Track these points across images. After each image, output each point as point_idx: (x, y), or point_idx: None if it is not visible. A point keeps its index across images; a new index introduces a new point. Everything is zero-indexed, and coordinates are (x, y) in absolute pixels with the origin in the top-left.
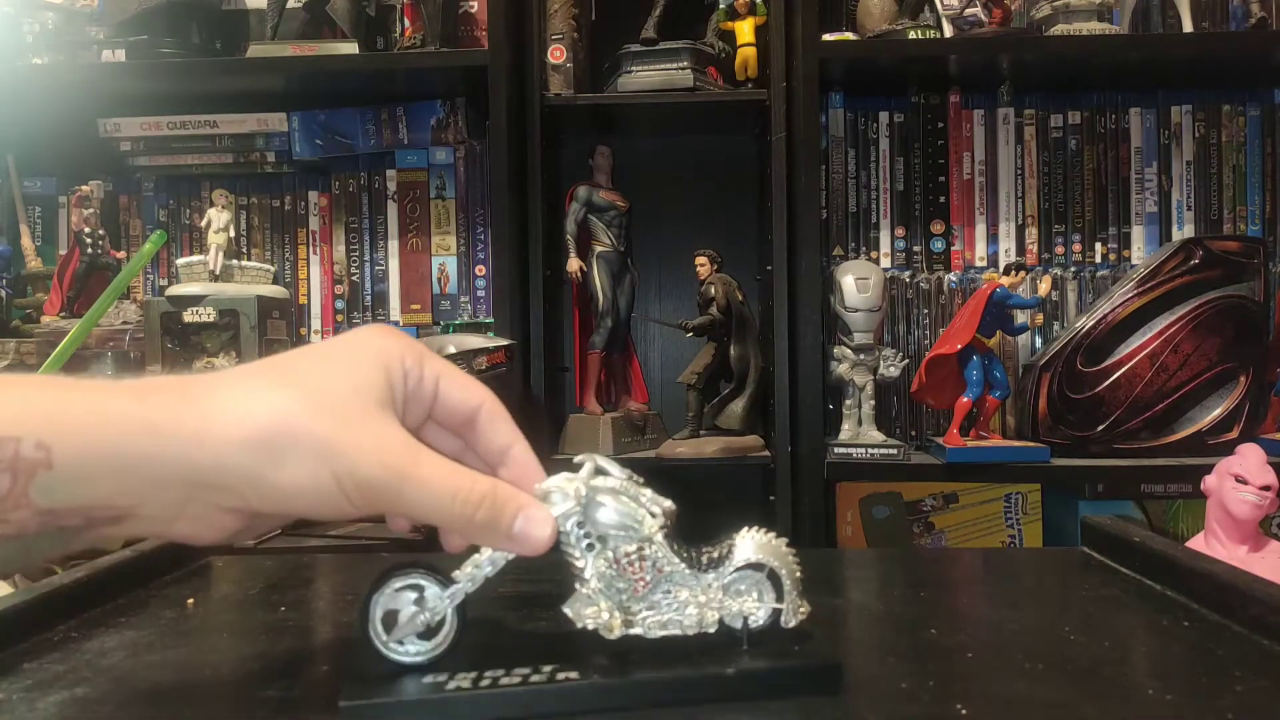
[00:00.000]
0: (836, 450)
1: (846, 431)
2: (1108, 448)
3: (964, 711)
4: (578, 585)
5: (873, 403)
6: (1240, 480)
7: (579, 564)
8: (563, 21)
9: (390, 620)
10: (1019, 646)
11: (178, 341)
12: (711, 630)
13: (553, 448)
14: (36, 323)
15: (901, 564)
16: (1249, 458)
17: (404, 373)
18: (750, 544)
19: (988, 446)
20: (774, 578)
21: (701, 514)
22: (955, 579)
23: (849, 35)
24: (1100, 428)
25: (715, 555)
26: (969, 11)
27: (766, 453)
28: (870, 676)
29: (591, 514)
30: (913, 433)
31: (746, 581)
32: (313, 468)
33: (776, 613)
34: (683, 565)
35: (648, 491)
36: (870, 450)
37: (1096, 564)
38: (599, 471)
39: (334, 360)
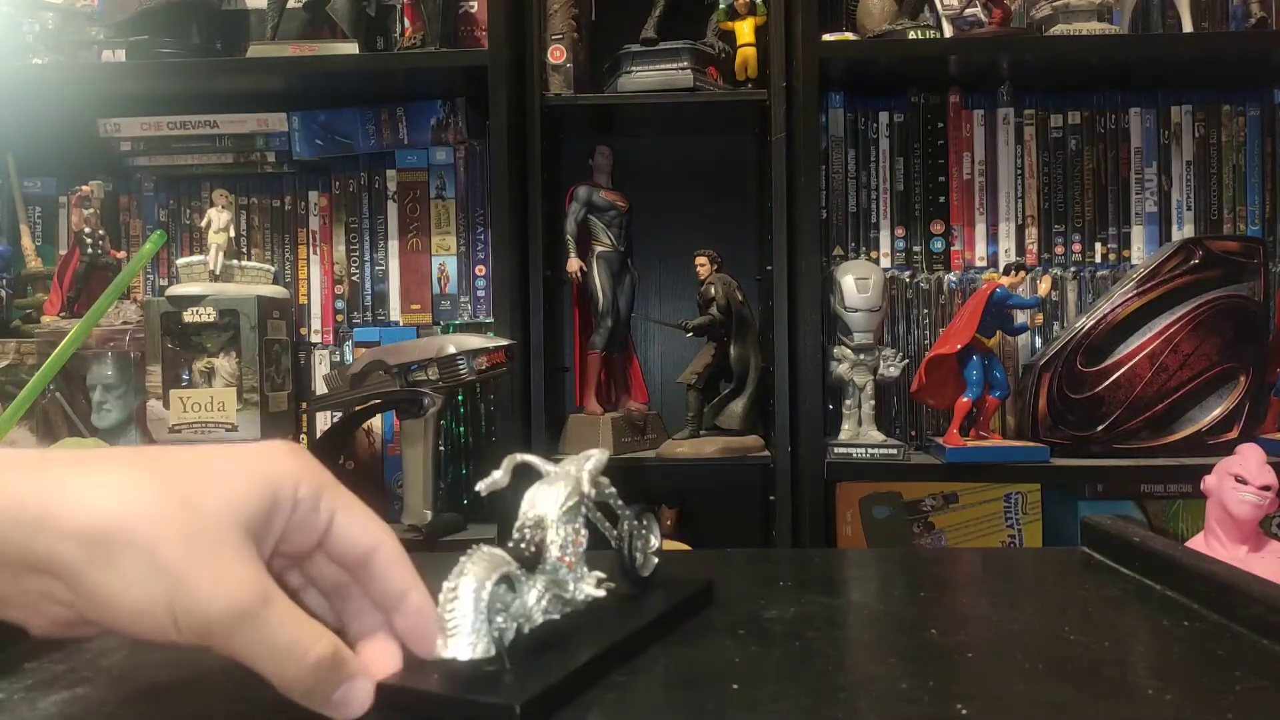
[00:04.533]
0: (836, 450)
1: (846, 431)
2: (1108, 448)
3: (964, 712)
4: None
5: (873, 403)
6: (1240, 480)
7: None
8: (563, 21)
9: None
10: (1019, 647)
11: (178, 341)
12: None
13: (552, 448)
14: (36, 323)
15: (901, 564)
16: (1249, 458)
17: (293, 501)
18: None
19: (987, 446)
20: None
21: (701, 514)
22: (955, 579)
23: (849, 35)
24: (1100, 428)
25: None
26: (969, 11)
27: (766, 453)
28: (870, 676)
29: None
30: (912, 433)
31: None
32: (144, 582)
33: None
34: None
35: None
36: (870, 450)
37: (1096, 564)
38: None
39: (217, 469)
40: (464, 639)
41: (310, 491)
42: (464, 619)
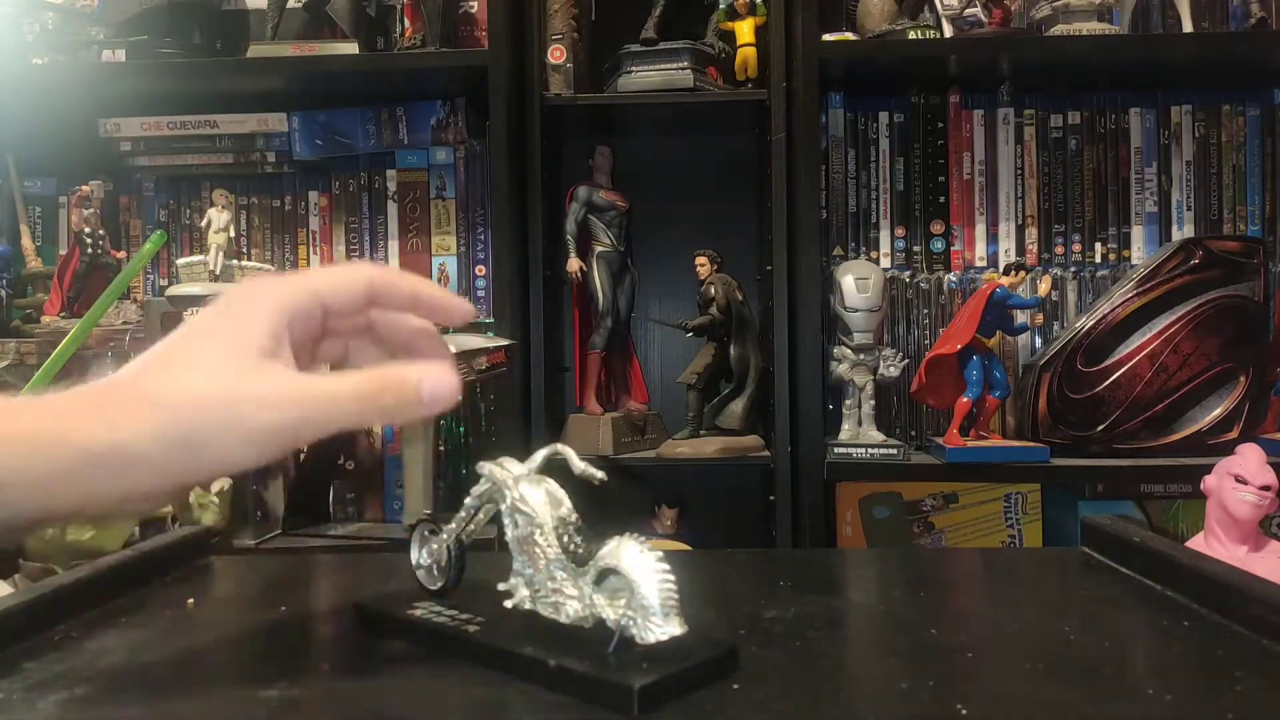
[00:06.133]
0: (836, 450)
1: (846, 431)
2: (1107, 448)
3: (964, 712)
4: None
5: (872, 403)
6: (1240, 480)
7: (506, 535)
8: (563, 21)
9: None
10: (1019, 646)
11: None
12: (586, 625)
13: None
14: (36, 323)
15: (901, 564)
16: (1249, 458)
17: (289, 315)
18: (618, 551)
19: (987, 446)
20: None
21: (701, 514)
22: (955, 579)
23: (849, 35)
24: (1100, 428)
25: (591, 554)
26: (969, 12)
27: (766, 453)
28: (870, 676)
29: (505, 495)
30: (912, 433)
31: (621, 586)
32: (227, 442)
33: (635, 623)
34: (562, 556)
35: (580, 464)
36: (870, 450)
37: (1096, 564)
38: (558, 456)
39: (219, 331)
40: (680, 615)
41: (296, 298)
42: (678, 599)
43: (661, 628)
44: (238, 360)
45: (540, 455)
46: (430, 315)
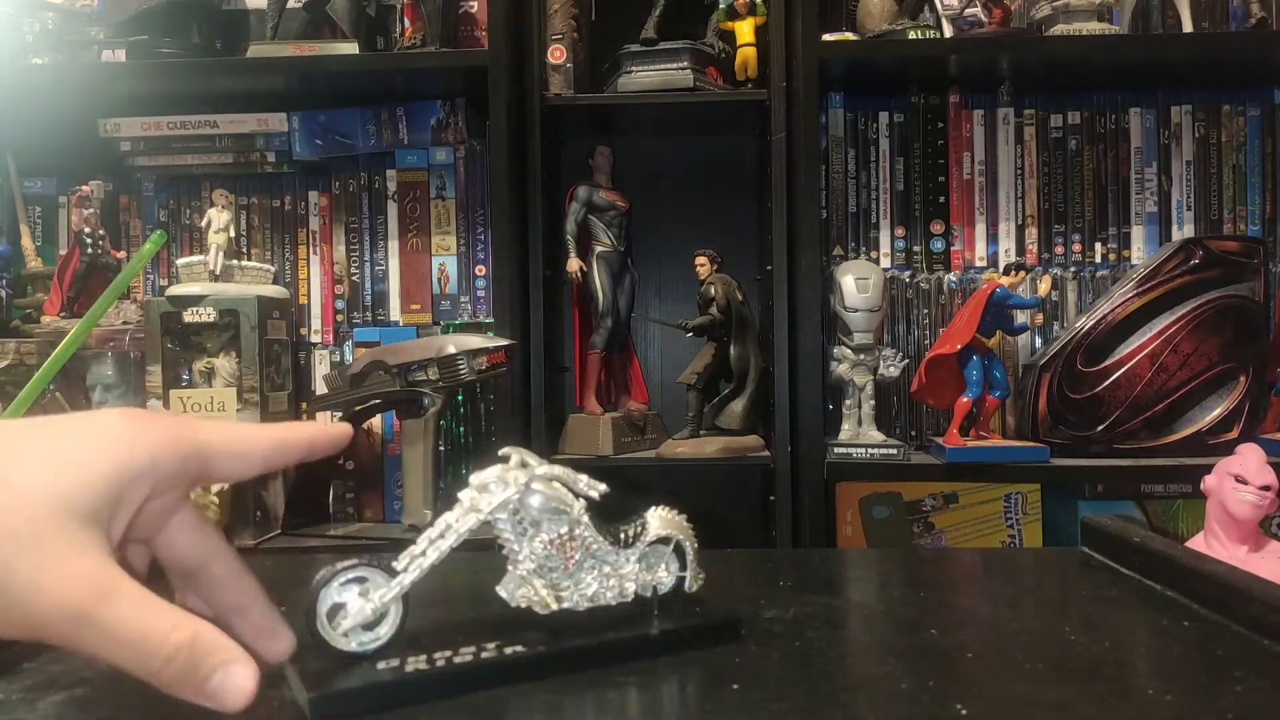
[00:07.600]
0: (836, 450)
1: (846, 431)
2: (1107, 448)
3: (964, 712)
4: (510, 567)
5: (872, 403)
6: (1240, 480)
7: (514, 548)
8: (563, 21)
9: (336, 613)
10: (1019, 647)
11: (178, 341)
12: (628, 600)
13: (553, 448)
14: (36, 323)
15: (901, 564)
16: (1249, 458)
17: (149, 470)
18: (659, 520)
19: (987, 446)
20: (679, 549)
21: (701, 514)
22: (955, 579)
23: (849, 35)
24: (1100, 428)
25: (632, 533)
26: (969, 12)
27: (766, 453)
28: (870, 676)
29: (526, 501)
30: (912, 433)
31: (657, 555)
32: None
33: (680, 580)
34: (607, 543)
35: (583, 477)
36: (870, 450)
37: (1096, 564)
38: (523, 464)
39: (53, 456)
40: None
41: (170, 453)
42: None
43: (700, 575)
44: (53, 510)
45: (514, 460)
46: (244, 638)
